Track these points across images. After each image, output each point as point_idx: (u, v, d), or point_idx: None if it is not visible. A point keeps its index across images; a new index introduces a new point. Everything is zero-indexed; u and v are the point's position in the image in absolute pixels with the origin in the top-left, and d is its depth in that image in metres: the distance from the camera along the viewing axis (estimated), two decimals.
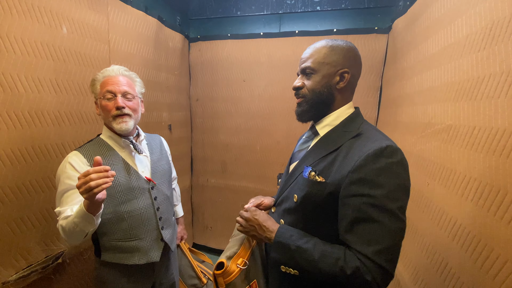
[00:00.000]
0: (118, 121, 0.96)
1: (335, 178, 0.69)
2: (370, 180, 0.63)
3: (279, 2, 2.05)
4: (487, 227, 0.72)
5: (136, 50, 1.64)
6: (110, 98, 0.96)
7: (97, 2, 1.32)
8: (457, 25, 0.95)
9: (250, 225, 0.83)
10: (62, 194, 0.90)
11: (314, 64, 0.76)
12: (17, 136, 1.01)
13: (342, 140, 0.73)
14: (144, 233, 1.05)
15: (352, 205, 0.65)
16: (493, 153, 0.71)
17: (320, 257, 0.66)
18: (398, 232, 0.62)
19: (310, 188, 0.73)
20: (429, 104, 1.12)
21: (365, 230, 0.63)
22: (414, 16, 1.38)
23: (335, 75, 0.75)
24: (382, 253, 0.61)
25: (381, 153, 0.63)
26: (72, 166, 0.92)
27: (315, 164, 0.75)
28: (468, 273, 0.78)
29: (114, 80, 0.98)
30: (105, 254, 1.04)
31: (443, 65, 1.02)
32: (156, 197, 1.09)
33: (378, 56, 1.89)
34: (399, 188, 0.63)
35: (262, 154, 2.26)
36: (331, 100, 0.78)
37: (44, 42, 1.08)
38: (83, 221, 0.82)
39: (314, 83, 0.77)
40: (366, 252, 0.62)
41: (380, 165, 0.63)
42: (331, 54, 0.75)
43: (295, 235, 0.73)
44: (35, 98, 1.07)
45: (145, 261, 1.06)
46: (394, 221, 0.61)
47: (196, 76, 2.35)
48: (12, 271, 1.03)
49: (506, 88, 0.69)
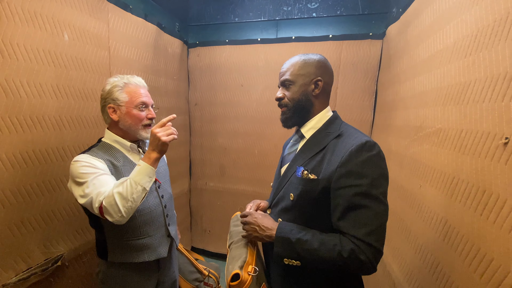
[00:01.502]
0: (147, 130, 1.06)
1: (325, 174, 0.77)
2: (356, 171, 0.72)
3: (276, 9, 2.09)
4: (474, 227, 0.74)
5: (135, 56, 1.67)
6: (143, 109, 1.04)
7: (98, 10, 1.36)
8: (446, 32, 0.98)
9: (252, 228, 0.89)
10: (95, 179, 0.90)
11: (292, 76, 0.88)
12: (18, 140, 1.04)
13: (326, 140, 0.83)
14: (154, 230, 1.09)
15: (342, 196, 0.73)
16: (478, 156, 0.74)
17: (320, 245, 0.74)
18: (383, 214, 0.72)
19: (305, 186, 0.81)
20: (420, 108, 1.15)
21: (355, 216, 0.72)
22: (407, 23, 1.42)
23: (310, 84, 0.87)
24: (372, 233, 0.70)
25: (362, 148, 0.74)
26: (91, 157, 0.95)
27: (306, 164, 0.84)
28: (457, 272, 0.80)
29: (144, 92, 1.06)
30: (113, 254, 1.06)
31: (433, 71, 1.06)
32: (163, 195, 1.15)
33: (373, 61, 1.93)
34: (380, 176, 0.73)
35: (260, 157, 2.29)
36: (309, 106, 0.88)
37: (46, 49, 1.11)
38: (145, 177, 0.91)
39: (293, 93, 0.88)
40: (358, 235, 0.70)
41: (363, 158, 0.73)
42: (305, 66, 0.87)
43: (295, 229, 0.80)
44: (37, 103, 1.09)
45: (154, 257, 1.09)
46: (379, 205, 0.71)
47: (194, 81, 2.39)
48: (12, 274, 1.04)
49: (490, 93, 0.72)
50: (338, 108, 2.06)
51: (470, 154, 0.78)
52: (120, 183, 0.89)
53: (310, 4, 2.02)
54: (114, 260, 1.06)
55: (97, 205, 0.86)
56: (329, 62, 0.91)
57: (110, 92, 1.01)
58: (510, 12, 0.67)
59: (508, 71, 0.66)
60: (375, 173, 0.72)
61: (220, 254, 2.52)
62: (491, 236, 0.68)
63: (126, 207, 0.87)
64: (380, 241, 0.71)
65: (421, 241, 1.05)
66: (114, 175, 0.99)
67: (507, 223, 0.63)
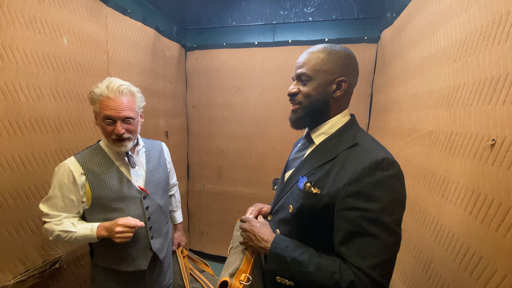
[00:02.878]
0: (118, 145, 0.99)
1: (330, 190, 0.68)
2: (366, 193, 0.63)
3: (273, 13, 2.12)
4: (464, 226, 0.76)
5: (134, 59, 1.69)
6: (109, 123, 0.96)
7: (97, 14, 1.38)
8: (437, 37, 1.01)
9: (248, 236, 0.83)
10: (51, 198, 0.98)
11: (310, 71, 0.74)
12: (17, 143, 1.05)
13: (337, 150, 0.72)
14: (133, 242, 1.06)
15: (347, 219, 0.65)
16: (467, 157, 0.76)
17: (315, 270, 0.66)
18: (393, 246, 0.63)
19: (305, 200, 0.72)
20: (413, 111, 1.17)
21: (360, 244, 0.63)
22: (400, 27, 1.45)
23: (332, 83, 0.74)
24: (377, 267, 0.61)
25: (377, 166, 0.63)
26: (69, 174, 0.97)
27: (310, 174, 0.74)
28: (449, 270, 0.82)
29: (112, 104, 0.94)
30: (97, 257, 1.09)
31: (424, 74, 1.09)
32: (148, 207, 1.11)
33: (368, 64, 1.97)
34: (395, 201, 0.63)
35: (258, 159, 2.30)
36: (326, 108, 0.76)
37: (45, 52, 1.13)
38: (85, 241, 1.00)
39: (310, 89, 0.75)
40: (361, 266, 0.61)
41: (376, 178, 0.62)
42: (329, 61, 0.73)
43: (291, 246, 0.73)
44: (36, 106, 1.10)
45: (133, 268, 1.08)
46: (390, 235, 0.62)
47: (192, 83, 2.41)
48: (10, 276, 1.05)
49: (477, 97, 0.74)
50: None
51: (460, 155, 0.80)
52: (65, 231, 0.97)
53: (306, 9, 2.06)
54: (97, 263, 1.09)
55: (42, 218, 0.99)
56: (356, 59, 0.77)
57: (90, 99, 0.98)
58: (495, 19, 0.70)
59: (494, 75, 0.69)
60: (389, 197, 0.62)
61: (218, 257, 2.52)
62: (479, 235, 0.70)
63: (54, 240, 1.00)
64: (386, 276, 0.62)
65: (414, 241, 1.07)
66: (93, 182, 1.00)
67: (494, 221, 0.65)
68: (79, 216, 1.03)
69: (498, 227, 0.64)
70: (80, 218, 1.04)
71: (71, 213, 1.00)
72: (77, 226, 0.98)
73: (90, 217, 1.03)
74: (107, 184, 1.01)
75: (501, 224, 0.63)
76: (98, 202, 1.01)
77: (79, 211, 1.02)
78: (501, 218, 0.63)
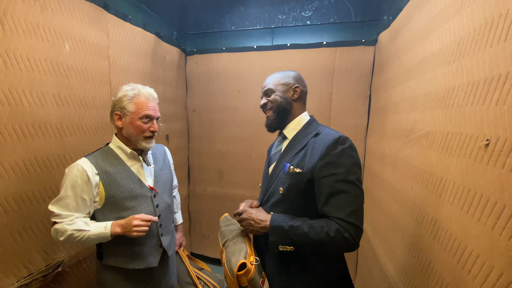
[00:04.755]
0: (148, 141, 1.11)
1: (309, 166, 0.91)
2: (334, 162, 0.86)
3: (271, 17, 2.15)
4: (461, 225, 0.77)
5: (134, 64, 1.71)
6: (147, 121, 1.08)
7: (98, 21, 1.40)
8: (432, 39, 1.03)
9: (248, 223, 0.98)
10: (63, 198, 0.99)
11: (273, 86, 1.04)
12: (20, 147, 1.06)
13: (307, 139, 0.98)
14: (145, 239, 1.10)
15: (324, 184, 0.87)
16: (463, 157, 0.77)
17: (309, 229, 0.86)
18: (360, 196, 0.87)
19: (292, 179, 0.94)
20: (411, 112, 1.19)
21: (337, 200, 0.85)
22: (397, 30, 1.47)
23: (289, 90, 1.04)
24: (352, 213, 0.83)
25: (337, 142, 0.88)
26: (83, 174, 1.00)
27: (291, 160, 0.97)
28: (448, 269, 0.83)
29: (151, 105, 1.10)
30: (107, 258, 1.10)
31: (421, 76, 1.10)
32: (158, 205, 1.16)
33: (366, 66, 1.98)
34: (354, 164, 0.87)
35: (258, 162, 2.32)
36: (290, 108, 1.04)
37: (48, 59, 1.15)
38: (98, 240, 1.02)
39: (275, 97, 1.04)
40: (341, 216, 0.83)
41: (338, 150, 0.87)
42: (284, 78, 1.05)
43: (286, 218, 0.91)
44: (39, 111, 1.12)
45: (144, 266, 1.11)
46: (356, 189, 0.86)
47: (192, 87, 2.43)
48: (13, 280, 1.06)
49: (472, 98, 0.76)
50: (333, 113, 2.11)
51: (456, 155, 0.81)
52: (78, 230, 0.98)
53: (304, 12, 2.08)
54: (107, 263, 1.10)
55: (52, 219, 0.99)
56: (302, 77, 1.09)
57: (120, 100, 1.06)
58: (488, 22, 0.71)
59: (488, 77, 0.70)
60: (350, 162, 0.86)
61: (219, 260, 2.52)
62: (476, 234, 0.71)
63: (65, 241, 0.99)
64: (360, 219, 0.84)
65: (414, 241, 1.08)
66: (107, 182, 1.03)
67: (490, 220, 0.66)
68: (89, 217, 1.06)
69: (493, 225, 0.65)
70: (90, 219, 1.06)
71: (83, 213, 1.02)
72: (90, 225, 1.01)
73: (102, 217, 1.06)
74: (120, 183, 1.06)
75: (496, 223, 0.64)
76: (111, 201, 1.05)
77: (89, 211, 1.05)
78: (496, 217, 0.64)
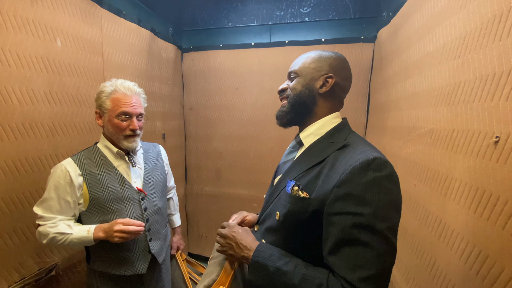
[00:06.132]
0: (130, 140, 1.03)
1: (319, 193, 0.63)
2: (356, 196, 0.57)
3: (269, 14, 2.12)
4: (468, 225, 0.76)
5: (129, 61, 1.66)
6: (125, 119, 1.00)
7: (91, 16, 1.35)
8: (435, 35, 1.01)
9: (228, 243, 0.74)
10: (46, 200, 0.96)
11: (299, 68, 0.77)
12: (10, 147, 1.02)
13: (327, 151, 0.69)
14: (132, 244, 1.05)
15: (337, 224, 0.59)
16: (470, 154, 0.76)
17: (300, 282, 0.60)
18: (387, 256, 0.56)
19: (293, 205, 0.67)
20: (413, 109, 1.17)
21: (350, 253, 0.57)
22: (397, 26, 1.45)
23: (318, 79, 0.74)
24: (369, 280, 0.55)
25: (368, 166, 0.58)
26: (65, 175, 0.96)
27: (298, 178, 0.70)
28: (454, 269, 0.81)
29: (129, 101, 1.00)
30: (94, 262, 1.06)
31: (423, 72, 1.08)
32: (146, 208, 1.10)
33: (365, 64, 1.97)
34: (389, 205, 0.58)
35: (256, 160, 2.29)
36: (312, 104, 0.75)
37: (39, 55, 1.10)
38: (81, 244, 0.96)
39: (296, 83, 0.77)
40: (351, 279, 0.55)
41: (367, 179, 0.57)
42: (317, 60, 0.75)
43: (275, 255, 0.66)
44: (29, 110, 1.08)
45: (131, 272, 1.06)
46: (383, 244, 0.56)
47: (189, 85, 2.39)
48: (5, 284, 1.02)
49: (479, 94, 0.74)
50: None
51: (462, 153, 0.79)
52: (61, 233, 0.94)
53: (303, 9, 2.05)
54: (94, 267, 1.06)
55: (36, 221, 0.97)
56: (349, 65, 0.78)
57: (98, 98, 1.02)
58: (496, 15, 0.69)
59: (497, 72, 0.68)
60: (382, 200, 0.57)
61: None
62: (485, 234, 0.69)
63: (48, 244, 0.96)
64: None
65: (417, 240, 1.06)
66: (91, 183, 0.99)
67: (500, 220, 0.64)
68: (74, 219, 1.01)
69: (504, 225, 0.63)
70: (75, 221, 1.02)
71: (66, 216, 0.98)
72: (73, 228, 0.96)
73: (87, 220, 1.01)
74: (105, 185, 1.00)
75: (507, 222, 0.62)
76: (96, 203, 0.99)
77: (74, 214, 1.00)
78: (507, 216, 0.62)
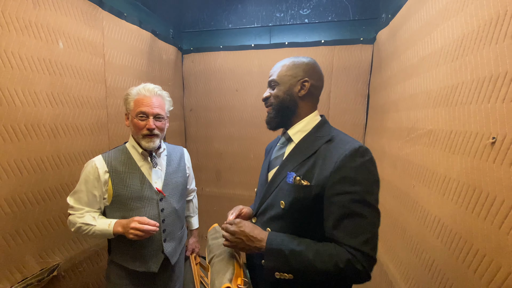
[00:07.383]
0: (147, 140, 1.06)
1: (319, 180, 0.75)
2: (350, 178, 0.71)
3: (269, 16, 2.13)
4: (466, 224, 0.77)
5: (130, 63, 1.68)
6: (142, 118, 1.04)
7: (93, 18, 1.37)
8: (433, 37, 1.02)
9: (237, 238, 0.80)
10: (77, 192, 1.04)
11: (278, 77, 0.87)
12: (13, 148, 1.03)
13: (317, 144, 0.81)
14: (147, 242, 1.09)
15: (338, 203, 0.71)
16: (468, 155, 0.77)
17: (315, 256, 0.70)
18: (377, 221, 0.71)
19: (297, 193, 0.77)
20: (411, 111, 1.18)
21: (350, 224, 0.70)
22: (396, 28, 1.46)
23: (296, 84, 0.85)
24: (367, 242, 0.68)
25: (356, 153, 0.72)
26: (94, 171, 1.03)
27: (296, 169, 0.80)
28: (452, 269, 0.82)
29: (148, 101, 1.05)
30: (113, 254, 1.12)
31: (422, 74, 1.09)
32: (163, 209, 1.13)
33: (364, 65, 1.98)
34: (373, 183, 0.72)
35: (256, 161, 2.30)
36: (294, 107, 0.86)
37: (41, 57, 1.11)
38: (103, 236, 1.03)
39: (277, 91, 0.87)
40: (355, 244, 0.68)
41: (357, 164, 0.71)
42: (292, 68, 0.86)
43: (286, 239, 0.75)
44: (32, 111, 1.09)
45: (143, 269, 1.10)
46: (373, 212, 0.70)
47: (189, 86, 2.40)
48: (7, 285, 1.02)
49: (476, 95, 0.75)
50: (332, 111, 2.10)
51: (460, 153, 0.80)
52: (86, 224, 1.02)
53: (302, 11, 2.07)
54: (113, 259, 1.12)
55: (68, 211, 1.05)
56: (319, 67, 0.89)
57: (125, 100, 1.08)
58: (493, 18, 0.71)
59: (493, 74, 0.69)
60: (369, 179, 0.72)
61: None
62: (482, 233, 0.70)
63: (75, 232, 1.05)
64: (375, 249, 0.70)
65: (416, 240, 1.07)
66: (115, 180, 1.05)
67: (497, 219, 0.65)
68: (100, 212, 1.08)
69: (501, 224, 0.64)
70: (101, 214, 1.08)
71: (93, 208, 1.05)
72: (97, 220, 1.03)
73: (110, 214, 1.08)
74: (127, 183, 1.06)
75: (503, 222, 0.63)
76: (118, 199, 1.06)
77: (100, 207, 1.07)
78: (503, 216, 0.63)
